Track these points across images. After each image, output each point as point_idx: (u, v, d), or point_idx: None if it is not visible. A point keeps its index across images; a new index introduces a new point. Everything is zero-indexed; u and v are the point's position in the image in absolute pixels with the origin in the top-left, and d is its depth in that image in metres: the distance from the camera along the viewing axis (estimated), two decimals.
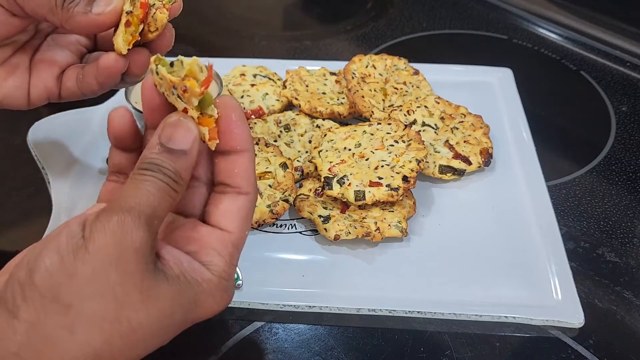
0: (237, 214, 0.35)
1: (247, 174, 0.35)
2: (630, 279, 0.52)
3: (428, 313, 0.48)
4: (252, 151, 0.35)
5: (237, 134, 0.34)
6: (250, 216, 0.36)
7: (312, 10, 0.99)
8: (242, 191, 0.35)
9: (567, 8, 0.89)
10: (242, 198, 0.35)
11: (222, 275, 0.33)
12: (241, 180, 0.35)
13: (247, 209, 0.35)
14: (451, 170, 0.59)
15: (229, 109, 0.34)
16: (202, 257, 0.33)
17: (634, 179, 0.62)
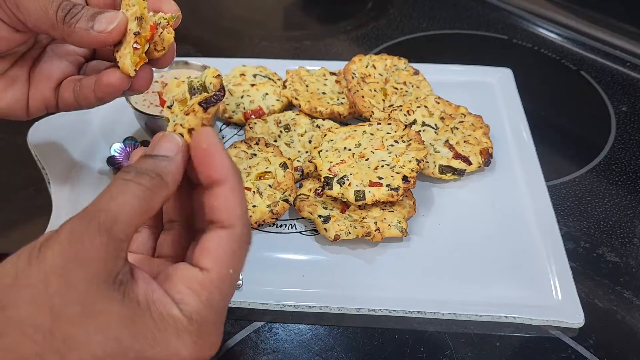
0: (216, 250, 0.31)
1: (229, 206, 0.32)
2: (631, 279, 0.52)
3: (428, 313, 0.48)
4: (234, 180, 0.32)
5: (212, 163, 0.32)
6: (237, 252, 0.32)
7: (312, 10, 0.99)
8: (224, 225, 0.32)
9: (567, 8, 0.89)
10: (224, 232, 0.31)
11: (193, 316, 0.29)
12: (222, 214, 0.32)
13: (229, 244, 0.31)
14: (451, 170, 0.59)
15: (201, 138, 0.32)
16: (174, 294, 0.30)
17: (634, 179, 0.62)
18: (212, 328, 0.31)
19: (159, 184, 0.30)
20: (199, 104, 0.34)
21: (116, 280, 0.28)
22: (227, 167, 0.32)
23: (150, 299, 0.29)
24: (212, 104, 0.34)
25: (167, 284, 0.31)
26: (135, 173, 0.30)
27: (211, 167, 0.32)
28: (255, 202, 0.54)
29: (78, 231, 0.27)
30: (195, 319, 0.30)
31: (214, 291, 0.31)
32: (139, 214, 0.29)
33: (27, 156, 0.60)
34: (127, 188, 0.29)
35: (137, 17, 0.40)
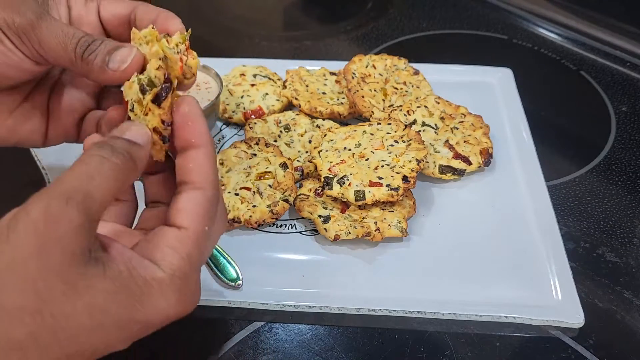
0: (191, 209, 0.33)
1: (203, 169, 0.34)
2: (630, 279, 0.52)
3: (428, 313, 0.48)
4: (209, 147, 0.34)
5: (192, 127, 0.34)
6: (210, 212, 0.34)
7: (312, 10, 0.99)
8: (197, 186, 0.34)
9: (567, 8, 0.89)
10: (197, 193, 0.33)
11: (175, 273, 0.31)
12: (196, 176, 0.34)
13: (202, 204, 0.33)
14: (451, 170, 0.59)
15: (184, 104, 0.34)
16: (155, 254, 0.31)
17: (634, 179, 0.62)
18: (192, 283, 0.33)
19: (131, 168, 0.31)
20: (151, 102, 0.34)
21: (91, 257, 0.28)
22: (204, 133, 0.34)
23: (131, 267, 0.30)
24: (163, 98, 0.34)
25: (146, 247, 0.32)
26: (111, 151, 0.30)
27: (189, 131, 0.34)
28: (255, 202, 0.55)
29: (54, 211, 0.27)
30: (177, 275, 0.31)
31: (192, 247, 0.32)
32: (111, 195, 0.30)
33: (28, 156, 0.60)
34: (104, 168, 0.30)
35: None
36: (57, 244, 0.27)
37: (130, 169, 0.31)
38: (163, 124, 0.35)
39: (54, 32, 0.39)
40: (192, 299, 0.33)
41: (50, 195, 0.28)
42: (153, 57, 0.36)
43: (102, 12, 0.44)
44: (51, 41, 0.39)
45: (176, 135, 0.34)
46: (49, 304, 0.27)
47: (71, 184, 0.28)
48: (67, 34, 0.39)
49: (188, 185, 0.34)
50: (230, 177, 0.57)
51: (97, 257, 0.29)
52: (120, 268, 0.29)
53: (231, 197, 0.55)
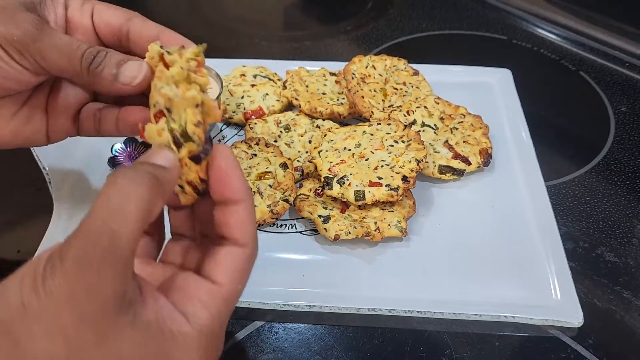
0: (230, 266, 0.33)
1: (244, 226, 0.33)
2: (630, 279, 0.52)
3: (428, 312, 0.48)
4: (249, 201, 0.33)
5: (230, 183, 0.33)
6: (247, 270, 0.33)
7: (312, 10, 0.99)
8: (239, 243, 0.33)
9: (566, 8, 0.89)
10: (238, 250, 0.33)
11: (203, 329, 0.31)
12: (238, 232, 0.33)
13: (242, 262, 0.33)
14: (451, 170, 0.59)
15: (219, 157, 0.33)
16: (186, 307, 0.31)
17: (633, 179, 0.62)
18: (217, 340, 0.32)
19: (158, 192, 0.30)
20: (189, 159, 0.33)
21: (125, 300, 0.28)
22: (244, 187, 0.33)
23: (161, 318, 0.29)
24: (202, 159, 0.33)
25: (178, 296, 0.31)
26: (132, 181, 0.29)
27: (229, 187, 0.33)
28: (256, 202, 0.55)
29: (83, 259, 0.27)
30: (204, 332, 0.31)
31: (223, 305, 0.32)
32: (140, 227, 0.29)
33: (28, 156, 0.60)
34: (125, 200, 0.28)
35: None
36: (90, 293, 0.27)
37: (157, 194, 0.30)
38: (200, 180, 0.33)
39: (56, 45, 0.38)
40: (216, 356, 0.33)
41: (80, 239, 0.27)
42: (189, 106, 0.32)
43: (96, 19, 0.43)
44: (54, 54, 0.38)
45: (213, 189, 0.33)
46: (77, 352, 0.27)
47: (95, 225, 0.27)
48: (70, 45, 0.38)
49: (229, 240, 0.33)
50: None
51: (132, 301, 0.28)
52: (150, 318, 0.29)
53: None
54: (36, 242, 0.52)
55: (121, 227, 0.27)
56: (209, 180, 0.33)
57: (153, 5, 0.99)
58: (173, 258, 0.37)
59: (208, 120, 0.34)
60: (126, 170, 0.30)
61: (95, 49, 0.39)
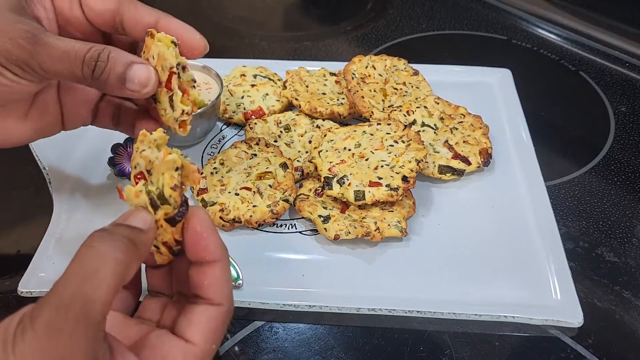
0: (204, 325, 0.32)
1: (219, 285, 0.33)
2: (629, 279, 0.52)
3: (428, 312, 0.48)
4: (225, 261, 0.33)
5: (205, 245, 0.33)
6: (222, 329, 0.33)
7: (312, 10, 0.99)
8: (214, 302, 0.33)
9: (566, 9, 0.89)
10: (213, 309, 0.33)
11: None
12: (212, 292, 0.33)
13: (216, 321, 0.33)
14: (450, 171, 0.59)
15: (195, 220, 0.33)
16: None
17: (632, 179, 0.62)
18: None
19: (133, 255, 0.30)
20: (165, 221, 0.33)
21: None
22: (219, 248, 0.33)
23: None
24: (178, 221, 0.33)
25: (151, 355, 0.31)
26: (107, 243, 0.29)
27: (203, 248, 0.33)
28: (256, 202, 0.55)
29: (55, 325, 0.26)
30: None
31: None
32: (114, 291, 0.28)
33: (28, 156, 0.60)
34: (100, 264, 0.28)
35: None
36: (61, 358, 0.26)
37: (133, 257, 0.30)
38: (175, 242, 0.34)
39: (53, 56, 0.37)
40: None
41: (51, 305, 0.27)
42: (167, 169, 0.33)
43: (86, 9, 0.42)
44: (54, 64, 0.37)
45: (188, 250, 0.33)
46: None
47: (68, 289, 0.27)
48: (68, 54, 0.37)
49: (204, 300, 0.33)
50: (230, 177, 0.57)
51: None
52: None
53: (231, 197, 0.55)
54: (36, 242, 0.52)
55: (95, 292, 0.27)
56: (184, 241, 0.34)
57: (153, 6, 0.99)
58: (150, 315, 0.37)
59: (187, 183, 0.34)
60: (102, 233, 0.29)
61: (95, 52, 0.38)
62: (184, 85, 0.36)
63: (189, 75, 0.37)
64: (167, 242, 0.34)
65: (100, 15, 0.41)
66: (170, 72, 0.36)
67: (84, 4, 0.41)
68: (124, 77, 0.38)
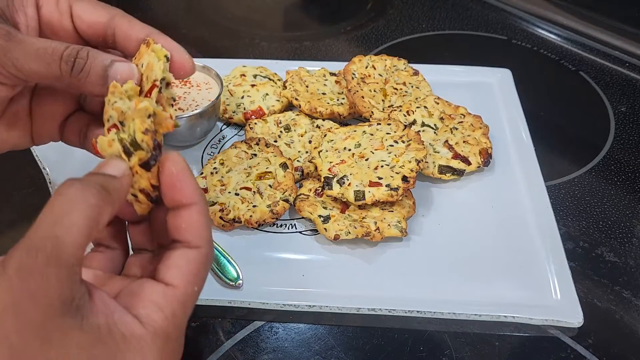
0: (183, 267, 0.32)
1: (197, 228, 0.33)
2: (629, 279, 0.52)
3: (428, 312, 0.48)
4: (202, 204, 0.33)
5: (180, 187, 0.32)
6: (202, 272, 0.33)
7: (312, 10, 0.99)
8: (192, 245, 0.32)
9: (566, 9, 0.89)
10: (191, 252, 0.32)
11: (157, 332, 0.30)
12: (190, 235, 0.32)
13: (196, 264, 0.32)
14: (450, 171, 0.59)
15: (169, 163, 0.33)
16: (139, 310, 0.30)
17: (632, 179, 0.62)
18: (175, 344, 0.31)
19: (105, 200, 0.30)
20: (139, 166, 0.33)
21: (72, 305, 0.27)
22: (195, 190, 0.33)
23: (112, 321, 0.29)
24: (152, 165, 0.33)
25: (131, 300, 0.31)
26: (79, 188, 0.29)
27: (179, 191, 0.33)
28: (256, 202, 0.55)
29: (26, 266, 0.26)
30: (159, 334, 0.30)
31: (178, 307, 0.31)
32: (86, 235, 0.28)
33: (28, 156, 0.60)
34: (71, 208, 0.28)
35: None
36: (33, 299, 0.26)
37: (105, 202, 0.30)
38: (152, 187, 0.34)
39: (29, 52, 0.36)
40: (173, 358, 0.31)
41: (22, 249, 0.27)
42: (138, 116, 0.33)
43: (76, 20, 0.40)
44: (29, 63, 0.36)
45: (165, 195, 0.33)
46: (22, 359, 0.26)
47: (39, 233, 0.27)
48: (46, 50, 0.36)
49: (182, 244, 0.33)
50: (230, 177, 0.57)
51: (79, 306, 0.28)
52: (100, 322, 0.28)
53: (231, 197, 0.55)
54: None
55: (66, 234, 0.27)
56: (160, 185, 0.33)
57: (153, 5, 0.99)
58: (134, 271, 0.37)
59: (161, 130, 0.34)
60: (73, 181, 0.29)
61: (73, 50, 0.36)
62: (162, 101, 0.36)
63: (171, 92, 0.36)
64: (144, 189, 0.34)
65: (91, 27, 0.40)
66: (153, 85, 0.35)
67: (75, 15, 0.40)
68: (106, 73, 0.36)
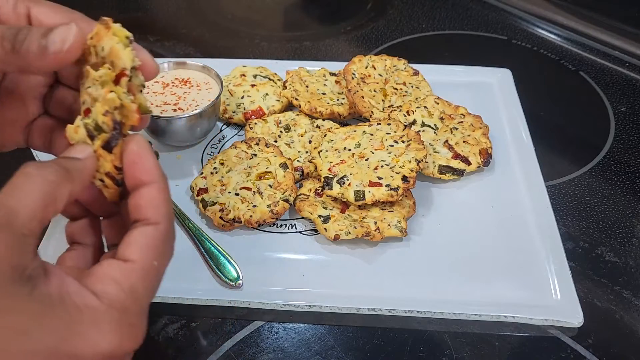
0: (141, 243, 0.32)
1: (156, 205, 0.32)
2: (629, 279, 0.52)
3: (428, 312, 0.48)
4: (160, 182, 0.33)
5: (141, 164, 0.33)
6: (162, 247, 0.32)
7: (312, 10, 0.99)
8: (151, 222, 0.32)
9: (566, 9, 0.89)
10: (150, 228, 0.32)
11: (113, 304, 0.29)
12: (150, 212, 0.32)
13: (154, 239, 0.32)
14: (450, 171, 0.59)
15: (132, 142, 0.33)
16: (95, 285, 0.30)
17: (632, 179, 0.62)
18: (134, 319, 0.30)
19: (63, 177, 0.30)
20: (102, 148, 0.34)
21: (23, 275, 0.27)
22: (155, 169, 0.33)
23: (65, 292, 0.28)
24: (114, 144, 0.33)
25: (89, 278, 0.30)
26: (37, 166, 0.30)
27: (139, 168, 0.33)
28: (256, 202, 0.55)
29: None
30: (115, 307, 0.29)
31: (137, 280, 0.31)
32: (41, 207, 0.28)
33: (28, 156, 0.60)
34: (26, 181, 0.29)
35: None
36: None
37: (61, 178, 0.30)
38: (116, 169, 0.34)
39: None
40: (135, 335, 0.30)
41: None
42: (105, 104, 0.34)
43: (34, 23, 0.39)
44: None
45: (126, 175, 0.33)
46: None
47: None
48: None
49: (141, 222, 0.32)
50: (230, 177, 0.57)
51: (32, 276, 0.27)
52: (51, 291, 0.28)
53: (231, 197, 0.55)
54: None
55: (18, 204, 0.28)
56: (123, 167, 0.34)
57: (153, 5, 0.99)
58: None
59: (128, 122, 0.35)
60: (34, 163, 0.30)
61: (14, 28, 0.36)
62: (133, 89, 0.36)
63: (140, 79, 0.36)
64: (110, 173, 0.35)
65: None
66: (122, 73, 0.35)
67: (33, 18, 0.39)
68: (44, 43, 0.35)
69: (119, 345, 0.29)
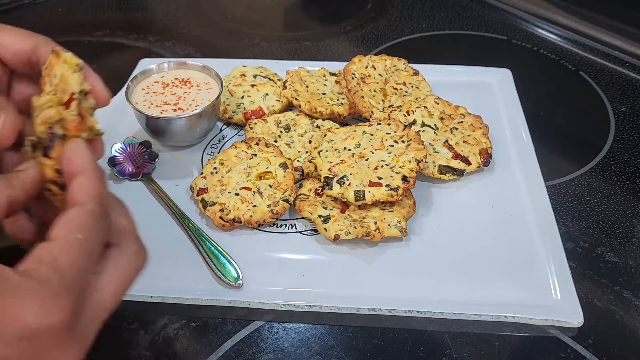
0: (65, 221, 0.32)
1: (83, 189, 0.33)
2: (629, 279, 0.52)
3: (427, 312, 0.48)
4: (92, 171, 0.34)
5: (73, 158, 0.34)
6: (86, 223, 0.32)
7: (312, 10, 0.99)
8: (77, 203, 0.33)
9: (566, 9, 0.89)
10: (74, 208, 0.33)
11: (34, 276, 0.29)
12: (78, 196, 0.33)
13: (78, 216, 0.32)
14: (450, 171, 0.59)
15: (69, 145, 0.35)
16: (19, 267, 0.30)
17: (632, 179, 0.62)
18: (59, 289, 0.29)
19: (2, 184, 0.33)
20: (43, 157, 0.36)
21: None
22: (84, 159, 0.34)
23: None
24: (49, 150, 0.35)
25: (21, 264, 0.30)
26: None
27: (72, 162, 0.34)
28: (256, 202, 0.55)
29: None
30: (36, 279, 0.29)
31: (59, 253, 0.31)
32: None
33: None
34: None
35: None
36: None
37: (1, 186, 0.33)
38: (57, 172, 0.35)
39: None
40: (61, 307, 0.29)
41: None
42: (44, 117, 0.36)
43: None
44: None
45: (65, 174, 0.34)
46: None
47: None
48: None
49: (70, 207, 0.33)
50: (230, 177, 0.57)
51: None
52: None
53: (231, 197, 0.55)
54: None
55: None
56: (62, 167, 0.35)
57: (153, 5, 0.99)
58: None
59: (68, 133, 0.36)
60: None
61: None
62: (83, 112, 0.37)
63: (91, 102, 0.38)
64: (53, 179, 0.36)
65: (16, 55, 0.40)
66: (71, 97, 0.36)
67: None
68: None
69: (43, 317, 0.28)
